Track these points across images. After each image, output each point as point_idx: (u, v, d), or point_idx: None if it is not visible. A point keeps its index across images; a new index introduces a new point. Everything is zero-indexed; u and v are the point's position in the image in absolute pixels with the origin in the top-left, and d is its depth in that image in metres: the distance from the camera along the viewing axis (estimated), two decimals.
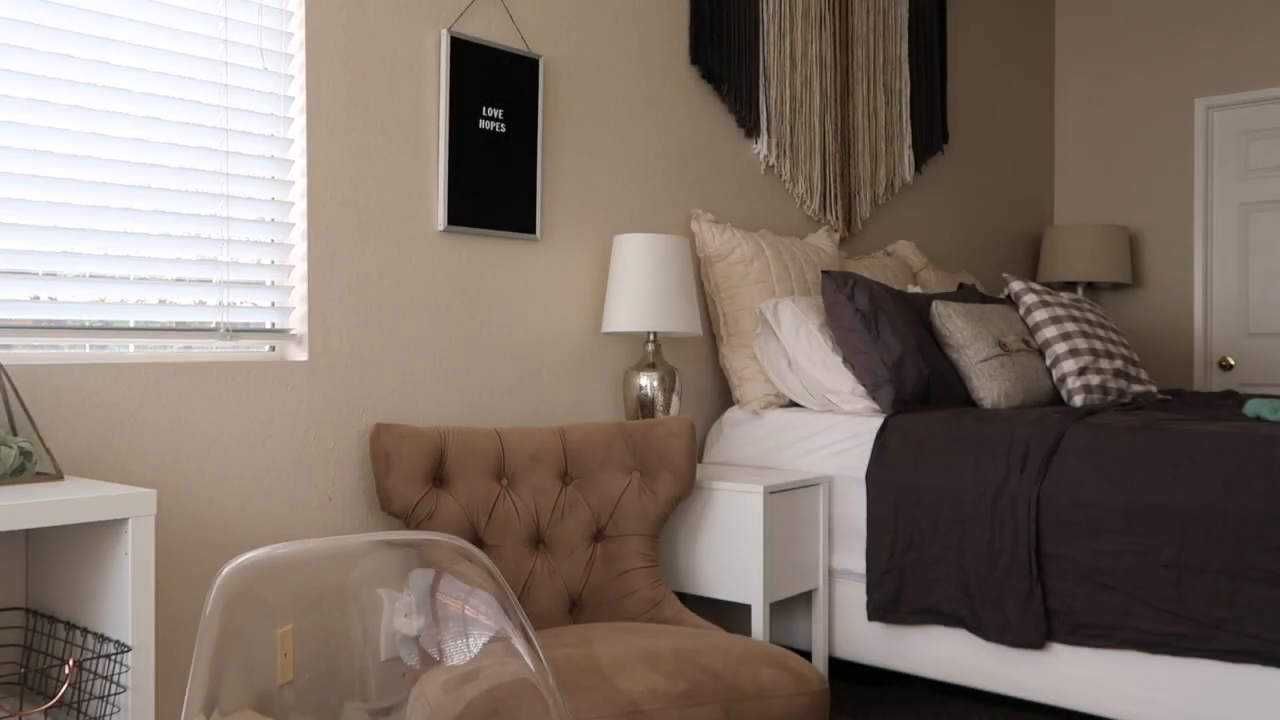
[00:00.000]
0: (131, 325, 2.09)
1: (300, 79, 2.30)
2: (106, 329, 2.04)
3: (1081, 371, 3.16)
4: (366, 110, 2.40)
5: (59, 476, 1.71)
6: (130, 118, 2.04)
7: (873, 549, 2.70)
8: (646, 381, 2.81)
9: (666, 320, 2.77)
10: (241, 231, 2.22)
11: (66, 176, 1.96)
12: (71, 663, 1.61)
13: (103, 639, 1.63)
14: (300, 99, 2.30)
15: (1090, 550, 2.39)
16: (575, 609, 2.40)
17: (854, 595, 2.79)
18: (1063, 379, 3.18)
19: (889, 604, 2.68)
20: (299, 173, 2.30)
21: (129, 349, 2.09)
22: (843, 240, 3.87)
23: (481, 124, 2.61)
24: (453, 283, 2.58)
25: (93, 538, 1.67)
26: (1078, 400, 3.15)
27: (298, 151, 2.30)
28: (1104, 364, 3.22)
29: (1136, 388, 3.30)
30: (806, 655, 2.89)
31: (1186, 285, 4.88)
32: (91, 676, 1.63)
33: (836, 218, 3.79)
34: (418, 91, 2.50)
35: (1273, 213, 4.68)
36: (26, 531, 1.85)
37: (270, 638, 1.36)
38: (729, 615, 2.98)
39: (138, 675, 1.60)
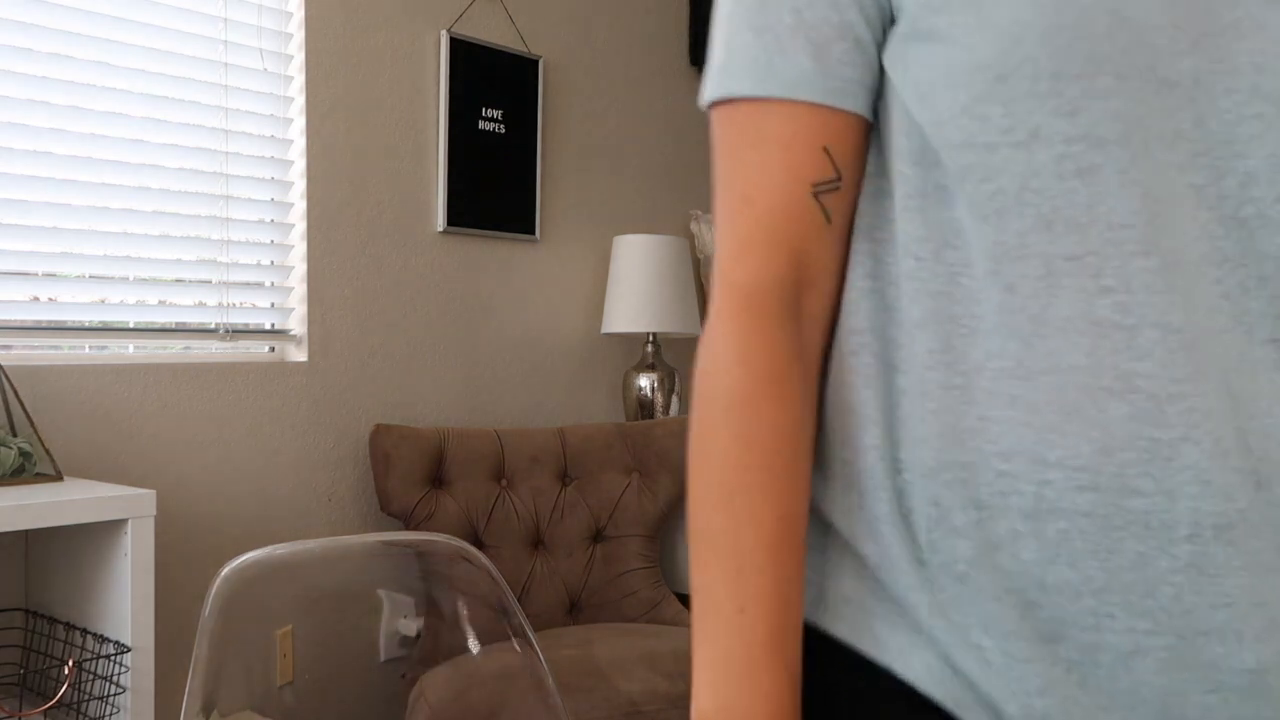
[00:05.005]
0: (131, 326, 2.09)
1: (300, 79, 2.30)
2: (106, 330, 2.04)
3: None
4: (366, 111, 2.40)
5: (58, 477, 1.71)
6: (130, 119, 2.04)
7: None
8: (646, 382, 2.81)
9: (666, 321, 2.77)
10: (241, 232, 2.22)
11: (66, 178, 1.97)
12: (71, 663, 1.61)
13: (102, 639, 1.63)
14: (300, 99, 2.30)
15: None
16: (575, 609, 2.40)
17: None
18: None
19: None
20: (298, 173, 2.30)
21: (129, 350, 2.10)
22: None
23: (481, 124, 2.61)
24: (452, 283, 2.58)
25: (92, 538, 1.67)
26: None
27: (297, 152, 2.30)
28: None
29: None
30: None
31: None
32: (91, 677, 1.63)
33: None
34: (417, 92, 2.50)
35: None
36: (26, 532, 1.85)
37: (270, 638, 1.36)
38: None
39: (137, 676, 1.60)
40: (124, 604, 1.60)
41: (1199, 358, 0.58)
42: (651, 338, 2.85)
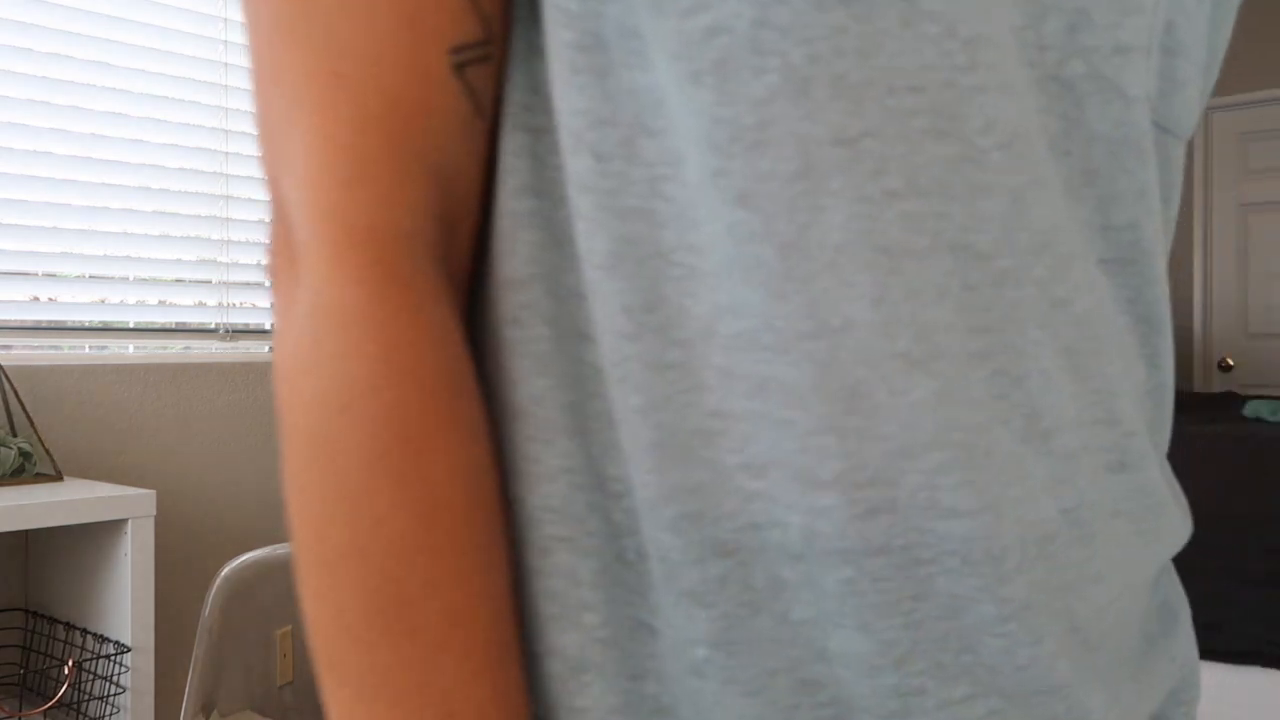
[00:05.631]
0: (131, 326, 2.09)
1: None
2: (106, 330, 2.04)
3: None
4: None
5: (58, 477, 1.71)
6: (130, 119, 2.04)
7: None
8: None
9: None
10: (241, 232, 2.22)
11: (66, 178, 1.97)
12: (71, 663, 1.61)
13: (102, 639, 1.63)
14: None
15: None
16: None
17: None
18: None
19: None
20: None
21: (129, 350, 2.10)
22: None
23: None
24: None
25: (92, 538, 1.67)
26: None
27: None
28: None
29: None
30: None
31: (1185, 286, 4.89)
32: (91, 677, 1.63)
33: None
34: None
35: (1272, 214, 4.69)
36: (26, 532, 1.85)
37: (270, 638, 1.36)
38: None
39: (137, 676, 1.60)
40: (124, 604, 1.60)
41: (1013, 297, 0.38)
42: None
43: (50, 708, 1.65)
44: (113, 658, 1.60)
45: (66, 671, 1.63)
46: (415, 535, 0.37)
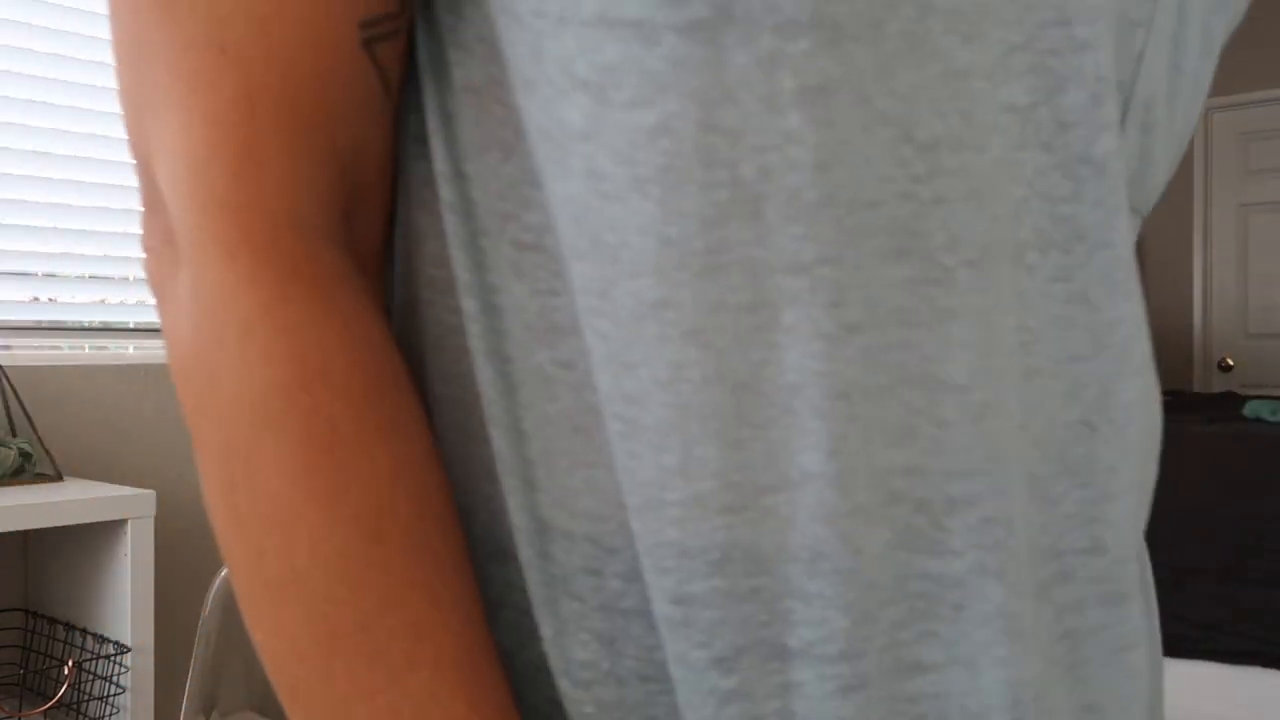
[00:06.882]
0: (131, 326, 2.09)
1: None
2: (106, 330, 2.04)
3: None
4: None
5: (58, 477, 1.71)
6: None
7: None
8: None
9: None
10: None
11: (66, 178, 1.97)
12: (71, 663, 1.61)
13: (102, 640, 1.63)
14: None
15: None
16: None
17: None
18: None
19: None
20: None
21: (129, 350, 2.10)
22: None
23: None
24: None
25: (92, 539, 1.67)
26: None
27: None
28: None
29: None
30: None
31: (1186, 286, 4.88)
32: (91, 677, 1.63)
33: None
34: None
35: (1272, 214, 4.69)
36: (26, 532, 1.85)
37: None
38: None
39: (137, 676, 1.60)
40: (124, 604, 1.60)
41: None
42: None
43: (50, 708, 1.65)
44: (112, 658, 1.60)
45: (66, 672, 1.63)
46: (360, 551, 0.32)
